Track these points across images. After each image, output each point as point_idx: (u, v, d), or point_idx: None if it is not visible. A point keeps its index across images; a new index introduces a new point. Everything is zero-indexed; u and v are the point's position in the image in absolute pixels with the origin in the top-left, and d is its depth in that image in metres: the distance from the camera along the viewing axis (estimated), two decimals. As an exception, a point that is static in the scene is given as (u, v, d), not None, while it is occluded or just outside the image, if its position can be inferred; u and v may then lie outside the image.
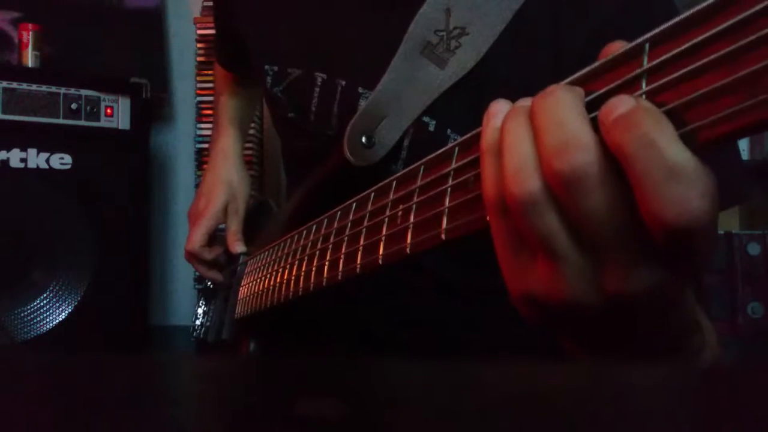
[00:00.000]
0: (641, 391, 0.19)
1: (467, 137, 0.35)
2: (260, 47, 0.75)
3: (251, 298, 0.72)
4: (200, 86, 2.01)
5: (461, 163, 0.35)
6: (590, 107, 0.28)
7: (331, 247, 0.50)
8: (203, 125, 1.99)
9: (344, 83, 0.66)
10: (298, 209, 0.71)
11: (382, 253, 0.42)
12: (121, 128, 1.82)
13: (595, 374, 0.23)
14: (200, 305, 0.99)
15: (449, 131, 0.61)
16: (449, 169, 0.36)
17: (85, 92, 1.78)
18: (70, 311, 1.74)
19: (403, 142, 0.61)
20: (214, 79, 1.13)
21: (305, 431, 0.16)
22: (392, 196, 0.42)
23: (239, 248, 0.86)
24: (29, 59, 1.83)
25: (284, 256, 0.63)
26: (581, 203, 0.27)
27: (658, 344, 0.33)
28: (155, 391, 0.21)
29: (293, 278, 0.58)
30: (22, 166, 1.69)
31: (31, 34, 1.84)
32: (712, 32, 0.24)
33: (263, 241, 0.77)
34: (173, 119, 2.30)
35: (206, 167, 0.98)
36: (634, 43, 0.27)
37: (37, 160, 1.71)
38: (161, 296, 2.24)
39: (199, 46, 2.03)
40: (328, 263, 0.50)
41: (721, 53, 0.24)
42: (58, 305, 1.74)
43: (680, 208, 0.25)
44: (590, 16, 0.56)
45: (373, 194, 0.46)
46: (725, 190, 0.28)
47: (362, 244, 0.45)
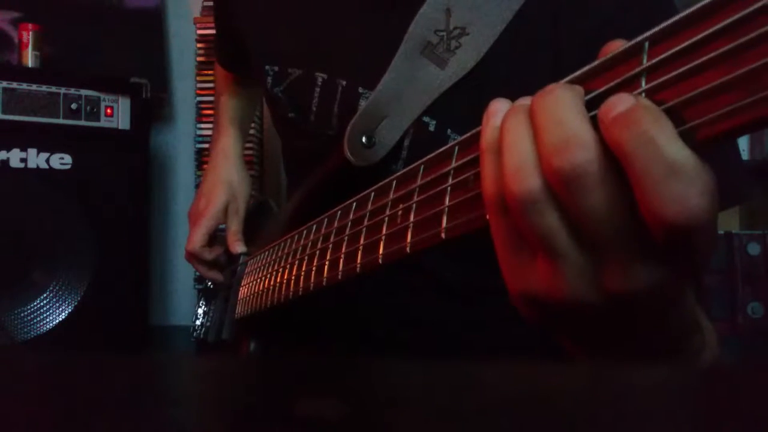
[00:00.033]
0: (641, 391, 0.19)
1: (467, 136, 0.35)
2: (260, 47, 0.75)
3: (251, 298, 0.72)
4: (200, 86, 2.01)
5: (461, 162, 0.35)
6: (590, 106, 0.28)
7: (331, 246, 0.50)
8: (203, 125, 2.00)
9: (345, 83, 0.66)
10: (298, 209, 0.71)
11: (382, 252, 0.42)
12: (121, 128, 1.82)
13: (595, 374, 0.23)
14: (200, 305, 0.99)
15: (449, 131, 0.61)
16: (449, 168, 0.36)
17: (85, 92, 1.78)
18: (70, 311, 1.74)
19: (403, 142, 0.61)
20: (214, 79, 1.13)
21: (305, 431, 0.16)
22: (392, 195, 0.42)
23: (239, 248, 0.86)
24: (29, 59, 1.83)
25: (284, 256, 0.63)
26: (581, 201, 0.27)
27: (657, 344, 0.33)
28: (155, 391, 0.21)
29: (293, 278, 0.58)
30: (22, 166, 1.69)
31: (31, 34, 1.84)
32: (711, 30, 0.24)
33: (263, 241, 0.77)
34: (173, 119, 2.30)
35: (206, 167, 0.98)
36: (633, 41, 0.27)
37: (37, 160, 1.71)
38: (161, 296, 2.24)
39: (199, 46, 2.03)
40: (328, 263, 0.50)
41: (720, 51, 0.24)
42: (58, 305, 1.74)
43: (680, 206, 0.24)
44: (590, 16, 0.56)
45: (373, 194, 0.46)
46: (725, 190, 0.27)
47: (362, 243, 0.45)
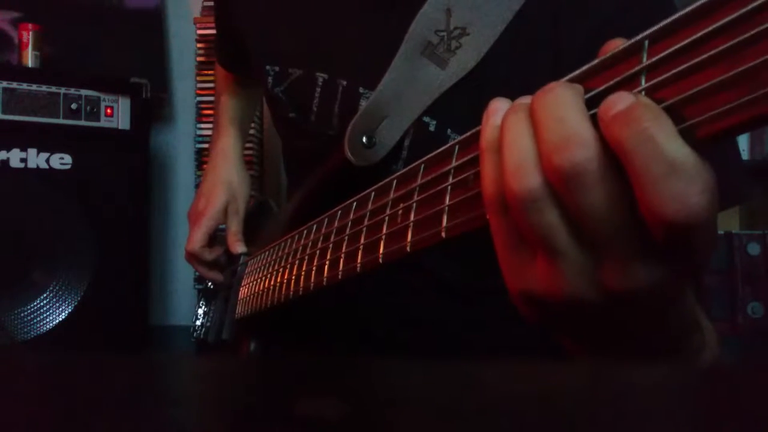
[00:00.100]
0: (641, 391, 0.19)
1: (467, 135, 0.35)
2: (261, 47, 0.75)
3: (252, 298, 0.72)
4: (200, 86, 2.01)
5: (461, 161, 0.35)
6: (590, 104, 0.28)
7: (331, 246, 0.50)
8: (203, 125, 2.00)
9: (345, 83, 0.66)
10: (298, 209, 0.71)
11: (382, 251, 0.42)
12: (121, 128, 1.82)
13: (595, 374, 0.23)
14: (200, 305, 0.99)
15: (449, 131, 0.61)
16: (449, 167, 0.36)
17: (85, 92, 1.78)
18: (70, 311, 1.74)
19: (403, 142, 0.61)
20: (214, 79, 1.13)
21: (305, 431, 0.16)
22: (392, 194, 0.42)
23: (240, 248, 0.86)
24: (29, 59, 1.83)
25: (285, 255, 0.63)
26: (581, 199, 0.27)
27: (657, 343, 0.33)
28: (155, 391, 0.21)
29: (293, 278, 0.58)
30: (22, 166, 1.69)
31: (31, 34, 1.84)
32: (711, 28, 0.24)
33: (264, 241, 0.77)
34: (173, 119, 2.30)
35: (206, 167, 0.98)
36: (633, 39, 0.27)
37: (37, 160, 1.71)
38: (161, 296, 2.24)
39: (199, 46, 2.03)
40: (328, 262, 0.50)
41: (720, 49, 0.24)
42: (58, 305, 1.74)
43: (679, 204, 0.24)
44: (590, 16, 0.56)
45: (373, 193, 0.46)
46: (725, 189, 0.27)
47: (362, 242, 0.45)
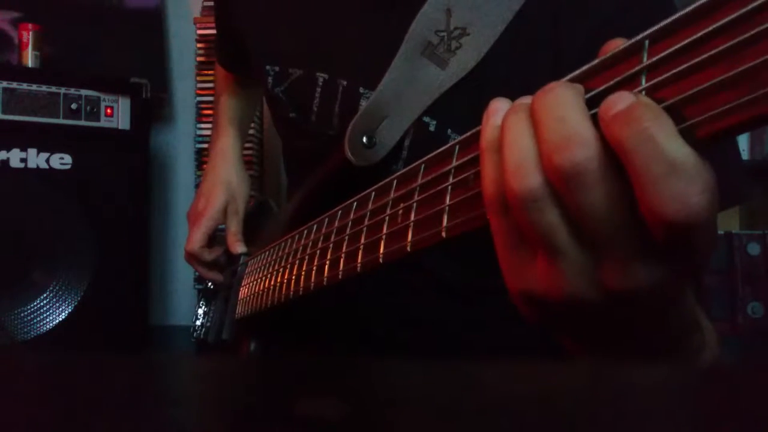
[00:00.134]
0: (641, 391, 0.19)
1: (467, 135, 0.35)
2: (261, 47, 0.75)
3: (252, 298, 0.72)
4: (200, 86, 2.01)
5: (462, 161, 0.35)
6: (590, 104, 0.28)
7: (331, 246, 0.50)
8: (203, 125, 2.00)
9: (345, 83, 0.66)
10: (298, 209, 0.71)
11: (382, 251, 0.42)
12: (121, 128, 1.82)
13: (595, 374, 0.23)
14: (200, 306, 0.99)
15: (450, 131, 0.61)
16: (450, 167, 0.36)
17: (85, 92, 1.78)
18: (70, 311, 1.74)
19: (403, 142, 0.61)
20: (214, 79, 1.13)
21: (305, 431, 0.16)
22: (393, 194, 0.42)
23: (239, 248, 0.86)
24: (29, 59, 1.83)
25: (285, 255, 0.63)
26: (581, 199, 0.27)
27: (657, 343, 0.33)
28: (155, 391, 0.21)
29: (294, 278, 0.58)
30: (22, 166, 1.69)
31: (31, 34, 1.84)
32: (711, 28, 0.24)
33: (264, 241, 0.77)
34: (173, 119, 2.30)
35: (206, 167, 0.98)
36: (633, 39, 0.27)
37: (37, 160, 1.71)
38: (161, 296, 2.24)
39: (199, 46, 2.03)
40: (328, 262, 0.50)
41: (720, 49, 0.24)
42: (58, 305, 1.74)
43: (680, 203, 0.24)
44: (590, 16, 0.56)
45: (373, 193, 0.46)
46: (725, 189, 0.27)
47: (363, 242, 0.45)
